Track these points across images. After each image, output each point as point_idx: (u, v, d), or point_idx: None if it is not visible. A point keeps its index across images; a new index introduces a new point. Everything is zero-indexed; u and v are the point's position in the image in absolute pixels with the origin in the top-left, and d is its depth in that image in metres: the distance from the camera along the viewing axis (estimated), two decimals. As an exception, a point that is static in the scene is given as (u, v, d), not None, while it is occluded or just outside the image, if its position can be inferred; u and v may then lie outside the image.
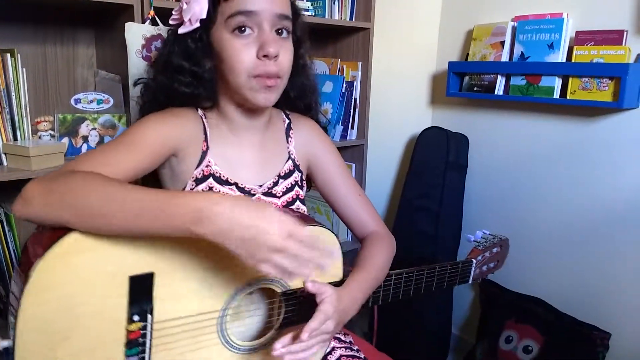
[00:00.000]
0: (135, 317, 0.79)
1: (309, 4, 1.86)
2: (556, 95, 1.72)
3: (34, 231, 0.80)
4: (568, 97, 1.69)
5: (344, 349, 1.10)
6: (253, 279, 0.90)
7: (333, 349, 1.09)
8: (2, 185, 1.21)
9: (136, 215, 0.71)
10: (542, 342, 1.75)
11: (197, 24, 0.92)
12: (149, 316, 0.80)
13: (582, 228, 1.79)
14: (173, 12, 0.98)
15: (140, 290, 0.79)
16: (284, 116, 1.11)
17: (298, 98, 1.09)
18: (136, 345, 0.80)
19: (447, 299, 2.10)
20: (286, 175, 1.06)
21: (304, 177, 1.10)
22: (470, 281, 1.24)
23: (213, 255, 0.84)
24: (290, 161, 1.07)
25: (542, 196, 1.89)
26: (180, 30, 0.94)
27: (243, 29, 0.90)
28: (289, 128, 1.09)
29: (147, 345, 0.81)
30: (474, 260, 1.23)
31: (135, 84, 1.09)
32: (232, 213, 0.70)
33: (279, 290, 0.94)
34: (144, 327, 0.80)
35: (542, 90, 1.75)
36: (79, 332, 0.75)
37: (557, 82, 1.71)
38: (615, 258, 1.71)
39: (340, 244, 1.01)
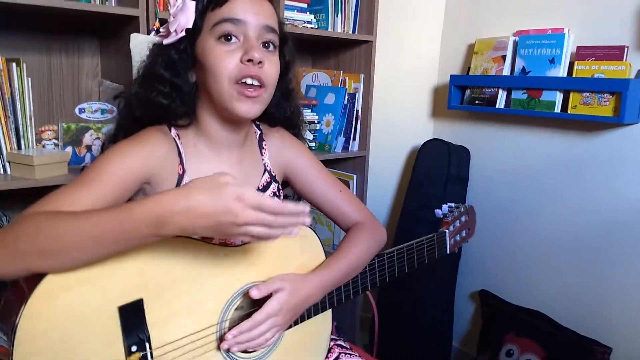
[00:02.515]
0: (133, 348, 0.77)
1: (312, 16, 1.88)
2: (557, 109, 1.73)
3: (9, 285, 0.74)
4: (569, 112, 1.70)
5: (349, 356, 1.12)
6: (242, 287, 0.91)
7: (339, 355, 1.11)
8: (6, 194, 1.21)
9: (95, 241, 0.70)
10: (543, 356, 1.75)
11: (183, 34, 0.91)
12: (146, 344, 0.79)
13: (583, 242, 1.79)
14: (161, 29, 0.97)
15: (133, 319, 0.77)
16: (255, 127, 1.09)
17: (284, 122, 1.11)
18: None
19: (447, 311, 2.10)
20: (264, 188, 1.06)
21: (280, 187, 1.11)
22: (448, 251, 1.28)
23: (198, 267, 0.84)
24: (266, 173, 1.07)
25: (542, 210, 1.90)
26: (166, 41, 0.93)
27: (229, 37, 0.89)
28: (261, 139, 1.08)
29: None
30: (447, 231, 1.28)
31: (115, 98, 1.07)
32: (188, 209, 0.70)
33: None
34: (144, 357, 0.78)
35: (543, 104, 1.76)
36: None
37: (558, 97, 1.72)
38: (617, 272, 1.71)
39: (319, 237, 1.03)
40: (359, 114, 2.01)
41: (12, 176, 1.28)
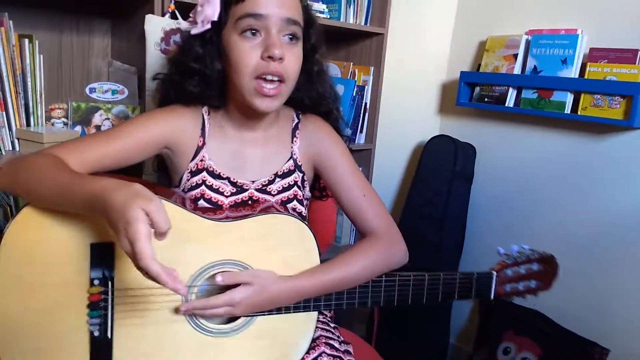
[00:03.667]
0: (96, 282, 0.86)
1: (324, 6, 1.86)
2: (567, 110, 1.73)
3: None
4: (579, 113, 1.70)
5: (332, 357, 1.05)
6: (217, 261, 0.92)
7: (321, 354, 1.05)
8: (14, 170, 1.20)
9: (56, 194, 0.80)
10: (540, 355, 1.75)
11: (209, 26, 0.95)
12: (109, 282, 0.87)
13: (586, 243, 1.80)
14: (190, 15, 1.00)
15: (101, 258, 0.86)
16: (294, 116, 1.10)
17: (313, 105, 1.10)
18: (97, 308, 0.86)
19: (446, 307, 2.11)
20: (284, 175, 1.06)
21: (305, 178, 1.10)
22: (492, 296, 1.12)
23: (182, 230, 0.88)
24: (291, 161, 1.07)
25: (546, 210, 1.90)
26: (193, 32, 0.97)
27: (252, 31, 0.91)
28: (295, 128, 1.09)
29: (109, 309, 0.87)
30: (495, 273, 1.11)
31: (153, 79, 1.12)
32: (109, 200, 0.73)
33: None
34: (105, 292, 0.86)
35: (553, 104, 1.75)
36: (47, 289, 0.84)
37: (569, 98, 1.72)
38: (618, 275, 1.72)
39: (314, 235, 0.98)
40: (367, 106, 2.00)
41: (21, 153, 1.27)
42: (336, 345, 1.09)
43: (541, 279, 1.19)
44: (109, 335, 0.88)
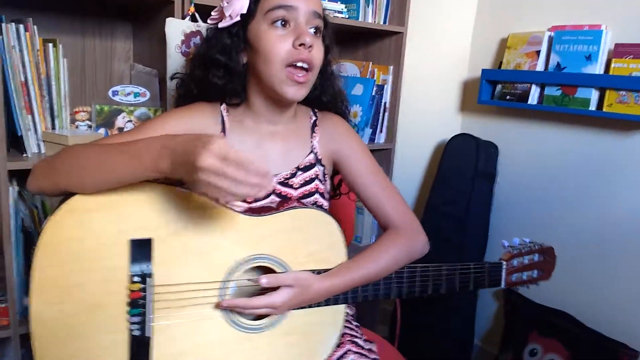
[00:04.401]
0: (136, 279, 0.85)
1: (343, 6, 1.86)
2: (592, 107, 1.69)
3: None
4: (604, 110, 1.66)
5: (359, 355, 1.08)
6: (251, 255, 0.93)
7: (347, 351, 1.08)
8: (40, 173, 1.22)
9: (107, 168, 0.81)
10: (567, 356, 1.72)
11: (237, 19, 0.98)
12: (148, 279, 0.86)
13: (612, 242, 1.76)
14: (212, 13, 1.03)
15: (140, 254, 0.85)
16: (312, 113, 1.13)
17: (330, 103, 1.13)
18: (137, 306, 0.86)
19: (470, 308, 2.08)
20: (306, 168, 1.08)
21: (326, 172, 1.11)
22: (504, 285, 1.20)
23: (215, 226, 0.90)
24: (312, 155, 1.09)
25: (571, 209, 1.87)
26: (221, 25, 1.00)
27: (282, 22, 0.95)
28: (314, 125, 1.11)
29: (148, 307, 0.86)
30: (504, 263, 1.19)
31: (171, 78, 1.15)
32: (175, 147, 0.77)
33: (278, 270, 0.96)
34: (144, 289, 0.86)
35: (577, 101, 1.72)
36: (89, 288, 0.83)
37: (594, 94, 1.68)
38: (646, 275, 1.68)
39: (340, 229, 1.02)
40: (387, 106, 1.99)
41: (47, 155, 1.29)
42: (361, 343, 1.12)
43: (542, 269, 1.28)
44: (147, 334, 0.87)
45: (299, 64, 0.95)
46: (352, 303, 1.06)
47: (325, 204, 1.11)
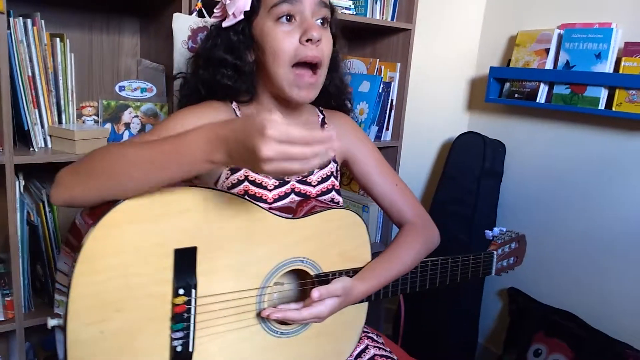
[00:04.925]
0: (181, 291, 0.80)
1: (350, 2, 1.85)
2: (601, 106, 1.67)
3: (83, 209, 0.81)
4: (613, 109, 1.65)
5: (377, 349, 1.11)
6: (287, 259, 0.92)
7: (367, 347, 1.10)
8: (47, 167, 1.23)
9: (151, 161, 0.72)
10: (572, 357, 1.71)
11: (241, 17, 0.95)
12: (193, 291, 0.81)
13: (619, 243, 1.74)
14: (215, 10, 1.01)
15: (185, 264, 0.80)
16: (318, 112, 1.12)
17: (336, 94, 1.11)
18: (181, 320, 0.81)
19: (474, 307, 2.07)
20: (322, 166, 1.07)
21: (338, 169, 1.11)
22: (493, 273, 1.27)
23: (252, 231, 0.87)
24: None
25: (578, 208, 1.85)
26: (225, 24, 0.97)
27: (287, 17, 0.92)
28: (323, 122, 1.11)
29: (192, 321, 0.82)
30: (495, 252, 1.26)
31: (174, 78, 1.13)
32: (228, 136, 0.68)
33: (312, 273, 0.95)
34: (189, 302, 0.81)
35: (586, 100, 1.70)
36: (131, 304, 0.76)
37: (603, 93, 1.67)
38: (654, 276, 1.66)
39: (367, 228, 1.03)
40: (394, 103, 1.98)
41: (53, 150, 1.30)
42: (375, 337, 1.16)
43: (517, 256, 1.37)
44: (190, 349, 0.82)
45: (309, 59, 0.93)
46: (378, 298, 1.07)
47: (341, 201, 1.11)
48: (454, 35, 2.18)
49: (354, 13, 1.86)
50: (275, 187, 1.01)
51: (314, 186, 1.06)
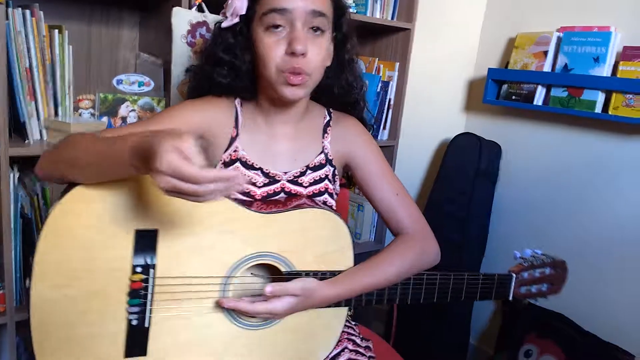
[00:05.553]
0: (138, 269, 0.85)
1: (351, 0, 1.85)
2: (598, 109, 1.68)
3: None
4: (610, 113, 1.65)
5: (354, 353, 1.08)
6: (255, 253, 0.93)
7: (343, 349, 1.08)
8: (42, 160, 1.22)
9: (97, 156, 0.79)
10: (563, 359, 1.72)
11: (237, 20, 0.97)
12: (151, 270, 0.86)
13: (612, 246, 1.75)
14: (224, 6, 1.02)
15: (145, 245, 0.85)
16: (326, 113, 1.11)
17: (342, 95, 1.09)
18: (137, 296, 0.86)
19: (466, 308, 2.08)
20: (316, 168, 1.06)
21: (336, 173, 1.10)
22: (510, 297, 1.16)
23: (223, 221, 0.90)
24: (322, 155, 1.07)
25: (573, 211, 1.86)
26: (223, 25, 0.99)
27: (276, 26, 0.92)
28: (327, 125, 1.09)
29: (149, 298, 0.86)
30: (514, 275, 1.15)
31: (187, 71, 1.16)
32: (149, 147, 0.69)
33: (283, 269, 0.95)
34: (146, 280, 0.86)
35: (583, 103, 1.71)
36: (89, 275, 0.83)
37: (600, 97, 1.67)
38: (646, 280, 1.67)
39: (350, 232, 1.00)
40: (391, 102, 1.98)
41: (49, 142, 1.29)
42: (357, 341, 1.12)
43: (552, 283, 1.23)
44: (146, 324, 0.87)
45: (293, 72, 0.92)
46: (356, 306, 1.05)
47: (334, 204, 1.10)
48: (453, 36, 2.19)
49: (355, 11, 1.86)
50: (264, 185, 1.03)
51: (305, 187, 1.05)
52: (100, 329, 0.85)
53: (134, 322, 0.86)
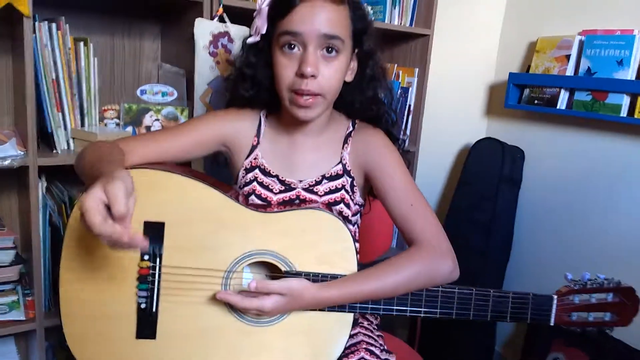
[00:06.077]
0: (146, 257, 0.94)
1: (369, 7, 1.85)
2: (623, 113, 1.65)
3: None
4: (636, 116, 1.63)
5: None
6: (254, 250, 0.96)
7: (357, 351, 1.07)
8: (69, 169, 1.24)
9: (89, 171, 0.88)
10: (591, 367, 1.69)
11: (258, 38, 1.01)
12: (157, 259, 0.94)
13: (638, 253, 1.72)
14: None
15: (153, 235, 0.93)
16: (350, 124, 1.11)
17: (363, 110, 1.10)
18: (145, 282, 0.94)
19: (491, 315, 2.05)
20: (332, 178, 1.07)
21: (355, 183, 1.09)
22: (553, 323, 1.05)
23: (228, 218, 0.96)
24: (340, 165, 1.07)
25: (598, 217, 1.83)
26: (248, 41, 1.04)
27: (290, 46, 0.95)
28: (348, 135, 1.09)
29: (156, 285, 0.94)
30: (555, 297, 1.03)
31: (226, 79, 1.23)
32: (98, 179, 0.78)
33: (283, 269, 0.96)
34: (154, 268, 0.94)
35: (608, 107, 1.69)
36: (105, 262, 0.93)
37: (625, 100, 1.65)
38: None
39: (351, 235, 0.99)
40: (411, 108, 1.98)
41: (76, 152, 1.32)
42: (377, 352, 1.09)
43: (617, 312, 1.07)
44: (154, 308, 0.95)
45: (303, 93, 0.95)
46: (362, 312, 1.01)
47: (351, 214, 1.09)
48: (473, 41, 2.18)
49: (373, 18, 1.86)
50: (280, 192, 1.06)
51: (321, 196, 1.06)
52: (114, 310, 0.94)
53: (143, 305, 0.94)
